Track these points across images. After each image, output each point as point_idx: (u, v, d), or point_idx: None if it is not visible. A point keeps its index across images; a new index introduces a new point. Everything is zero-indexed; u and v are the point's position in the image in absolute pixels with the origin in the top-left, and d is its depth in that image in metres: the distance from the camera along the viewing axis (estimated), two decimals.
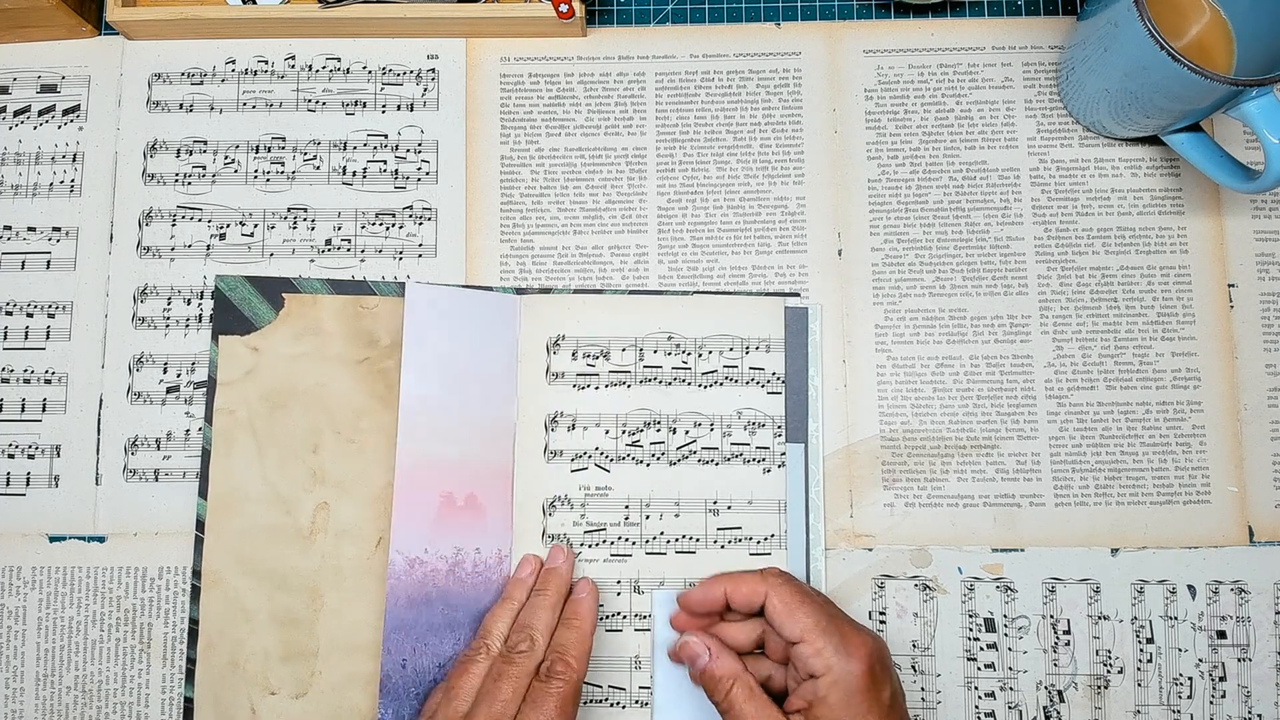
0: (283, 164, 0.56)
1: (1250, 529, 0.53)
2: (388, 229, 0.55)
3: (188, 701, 0.52)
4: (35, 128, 0.56)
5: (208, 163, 0.56)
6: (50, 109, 0.56)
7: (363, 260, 0.55)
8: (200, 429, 0.54)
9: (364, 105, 0.56)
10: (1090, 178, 0.55)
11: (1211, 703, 0.51)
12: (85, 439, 0.54)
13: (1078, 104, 0.54)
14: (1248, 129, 0.49)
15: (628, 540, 0.52)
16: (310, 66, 0.57)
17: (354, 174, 0.56)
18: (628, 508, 0.53)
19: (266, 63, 0.57)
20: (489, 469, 0.53)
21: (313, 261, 0.55)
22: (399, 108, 0.56)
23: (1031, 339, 0.54)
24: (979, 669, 0.52)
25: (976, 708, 0.52)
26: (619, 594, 0.52)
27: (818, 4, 0.57)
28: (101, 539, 0.53)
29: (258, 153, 0.56)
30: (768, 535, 0.52)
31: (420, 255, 0.55)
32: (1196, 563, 0.52)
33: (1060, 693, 0.52)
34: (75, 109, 0.57)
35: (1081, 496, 0.53)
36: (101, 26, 0.57)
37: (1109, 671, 0.52)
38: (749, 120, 0.56)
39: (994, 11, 0.57)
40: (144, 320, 0.55)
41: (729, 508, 0.52)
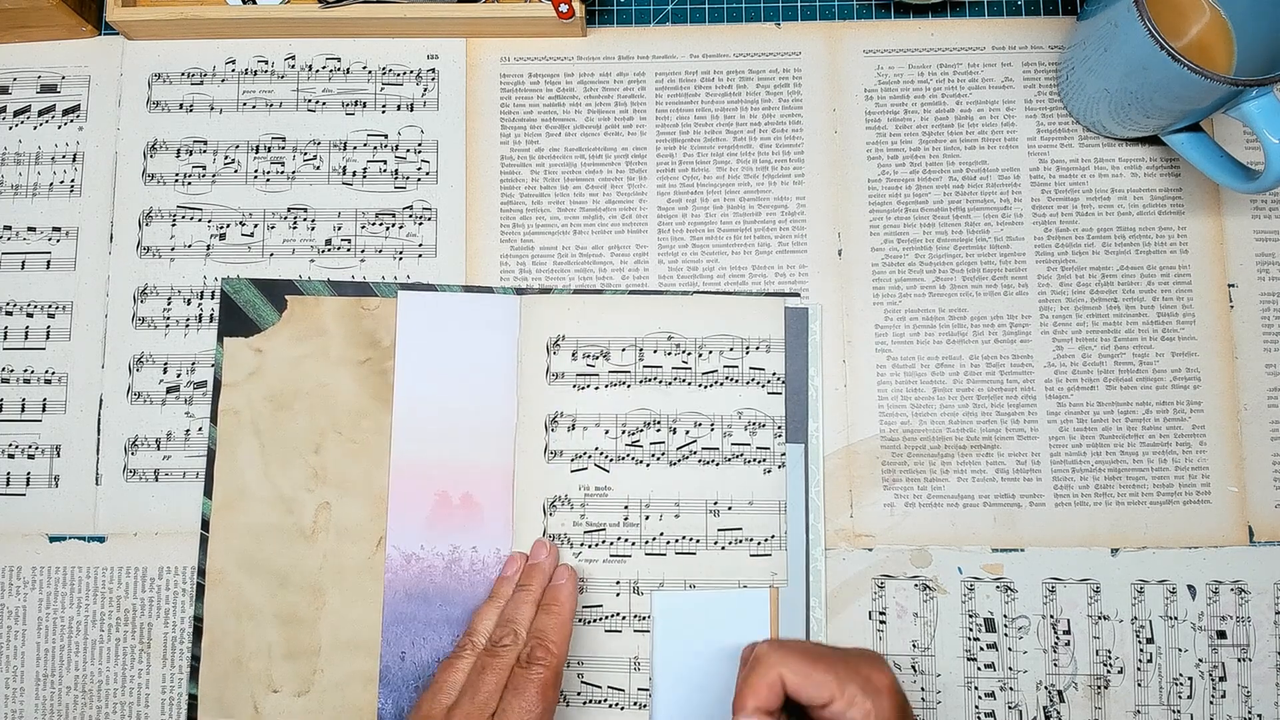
0: (283, 164, 0.56)
1: (1250, 529, 0.53)
2: (388, 229, 0.55)
3: (191, 698, 0.52)
4: (35, 128, 0.56)
5: (208, 163, 0.56)
6: (50, 109, 0.56)
7: (363, 260, 0.55)
8: (200, 429, 0.54)
9: (364, 105, 0.56)
10: (1090, 178, 0.55)
11: (1211, 703, 0.51)
12: (85, 439, 0.54)
13: (1078, 104, 0.54)
14: (1248, 129, 0.49)
15: (627, 541, 0.52)
16: (310, 66, 0.57)
17: (354, 174, 0.56)
18: (627, 508, 0.53)
19: (266, 63, 0.57)
20: (487, 469, 0.53)
21: (313, 261, 0.55)
22: (399, 108, 0.56)
23: (1031, 339, 0.54)
24: (979, 669, 0.52)
25: (976, 708, 0.52)
26: (618, 595, 0.52)
27: (818, 4, 0.57)
28: (101, 539, 0.53)
29: (258, 153, 0.56)
30: (768, 536, 0.52)
31: (420, 255, 0.55)
32: (1196, 563, 0.52)
33: (1060, 693, 0.52)
34: (75, 109, 0.57)
35: (1081, 496, 0.53)
36: (101, 26, 0.57)
37: (1109, 671, 0.52)
38: (749, 120, 0.56)
39: (994, 11, 0.57)
40: (144, 320, 0.55)
41: (729, 508, 0.52)
